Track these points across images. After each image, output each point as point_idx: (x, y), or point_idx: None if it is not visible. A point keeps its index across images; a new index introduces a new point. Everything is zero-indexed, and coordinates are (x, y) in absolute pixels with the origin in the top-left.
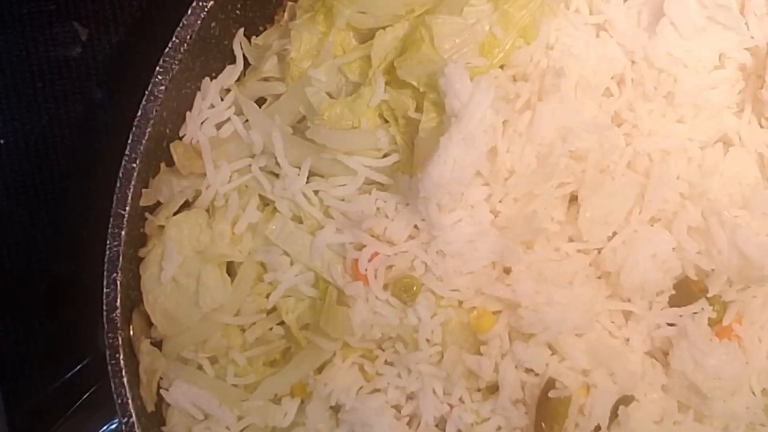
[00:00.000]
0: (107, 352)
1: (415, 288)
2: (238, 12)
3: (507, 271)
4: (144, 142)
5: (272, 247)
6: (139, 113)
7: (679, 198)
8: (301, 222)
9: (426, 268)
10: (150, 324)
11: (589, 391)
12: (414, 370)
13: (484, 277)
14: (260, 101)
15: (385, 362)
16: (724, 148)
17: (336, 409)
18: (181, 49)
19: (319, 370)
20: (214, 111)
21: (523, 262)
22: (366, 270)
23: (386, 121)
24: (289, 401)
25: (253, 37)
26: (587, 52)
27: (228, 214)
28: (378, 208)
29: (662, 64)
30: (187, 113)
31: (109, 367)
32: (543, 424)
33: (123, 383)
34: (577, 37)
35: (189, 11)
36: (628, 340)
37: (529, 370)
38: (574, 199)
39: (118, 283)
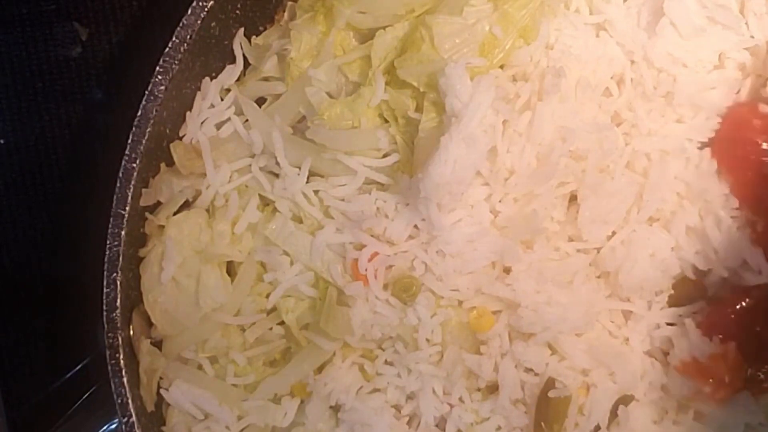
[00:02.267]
0: (107, 352)
1: (414, 288)
2: (238, 12)
3: (507, 270)
4: (144, 141)
5: (272, 247)
6: (139, 113)
7: (677, 198)
8: (301, 222)
9: (426, 268)
10: (150, 324)
11: (588, 391)
12: (414, 370)
13: (484, 277)
14: (260, 101)
15: (385, 362)
16: None
17: (336, 408)
18: (181, 49)
19: (319, 369)
20: (214, 111)
21: (523, 261)
22: (366, 270)
23: (386, 121)
24: (289, 401)
25: (253, 37)
26: (587, 52)
27: (228, 214)
28: (378, 208)
29: (662, 64)
30: (187, 113)
31: (109, 367)
32: (543, 423)
33: (123, 383)
34: (577, 37)
35: (189, 11)
36: (627, 339)
37: (528, 370)
38: (574, 198)
39: (118, 282)
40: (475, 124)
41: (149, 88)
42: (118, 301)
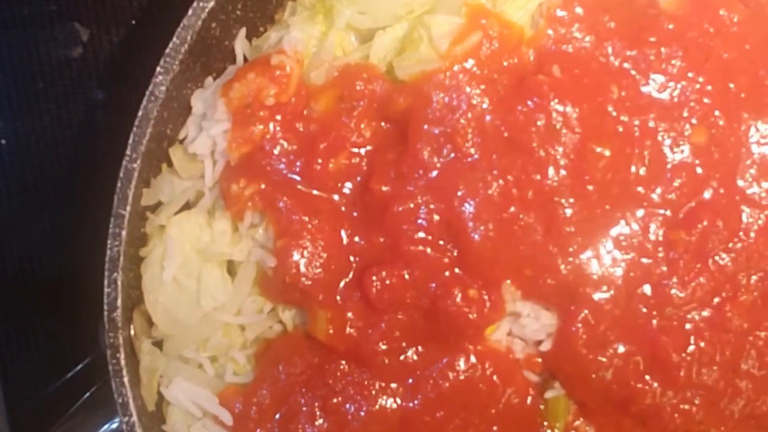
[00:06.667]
0: (108, 352)
1: None
2: (238, 12)
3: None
4: (145, 142)
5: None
6: (140, 113)
7: None
8: None
9: None
10: (151, 323)
11: None
12: None
13: None
14: None
15: None
16: None
17: None
18: (182, 50)
19: None
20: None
21: None
22: None
23: None
24: None
25: (254, 38)
26: None
27: (228, 213)
28: None
29: None
30: (189, 119)
31: (110, 367)
32: (545, 423)
33: (124, 382)
34: None
35: (190, 12)
36: None
37: None
38: None
39: (119, 282)
40: None
41: (150, 89)
42: (119, 300)
